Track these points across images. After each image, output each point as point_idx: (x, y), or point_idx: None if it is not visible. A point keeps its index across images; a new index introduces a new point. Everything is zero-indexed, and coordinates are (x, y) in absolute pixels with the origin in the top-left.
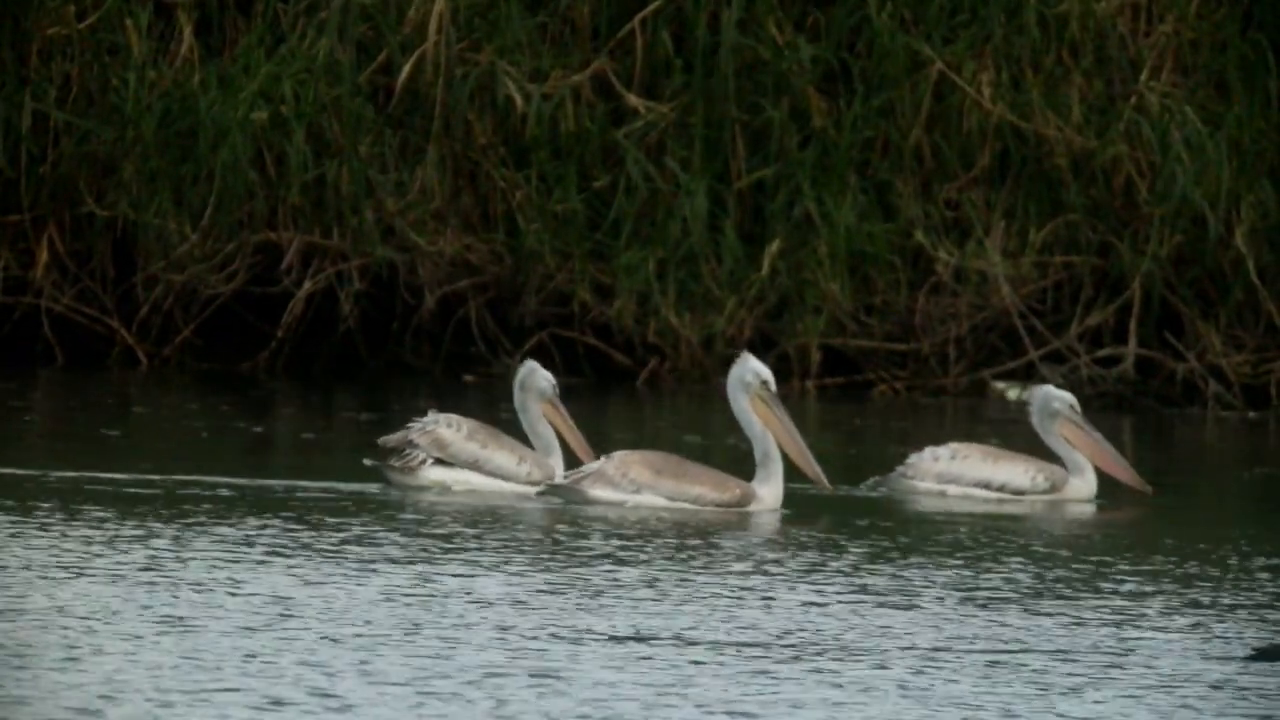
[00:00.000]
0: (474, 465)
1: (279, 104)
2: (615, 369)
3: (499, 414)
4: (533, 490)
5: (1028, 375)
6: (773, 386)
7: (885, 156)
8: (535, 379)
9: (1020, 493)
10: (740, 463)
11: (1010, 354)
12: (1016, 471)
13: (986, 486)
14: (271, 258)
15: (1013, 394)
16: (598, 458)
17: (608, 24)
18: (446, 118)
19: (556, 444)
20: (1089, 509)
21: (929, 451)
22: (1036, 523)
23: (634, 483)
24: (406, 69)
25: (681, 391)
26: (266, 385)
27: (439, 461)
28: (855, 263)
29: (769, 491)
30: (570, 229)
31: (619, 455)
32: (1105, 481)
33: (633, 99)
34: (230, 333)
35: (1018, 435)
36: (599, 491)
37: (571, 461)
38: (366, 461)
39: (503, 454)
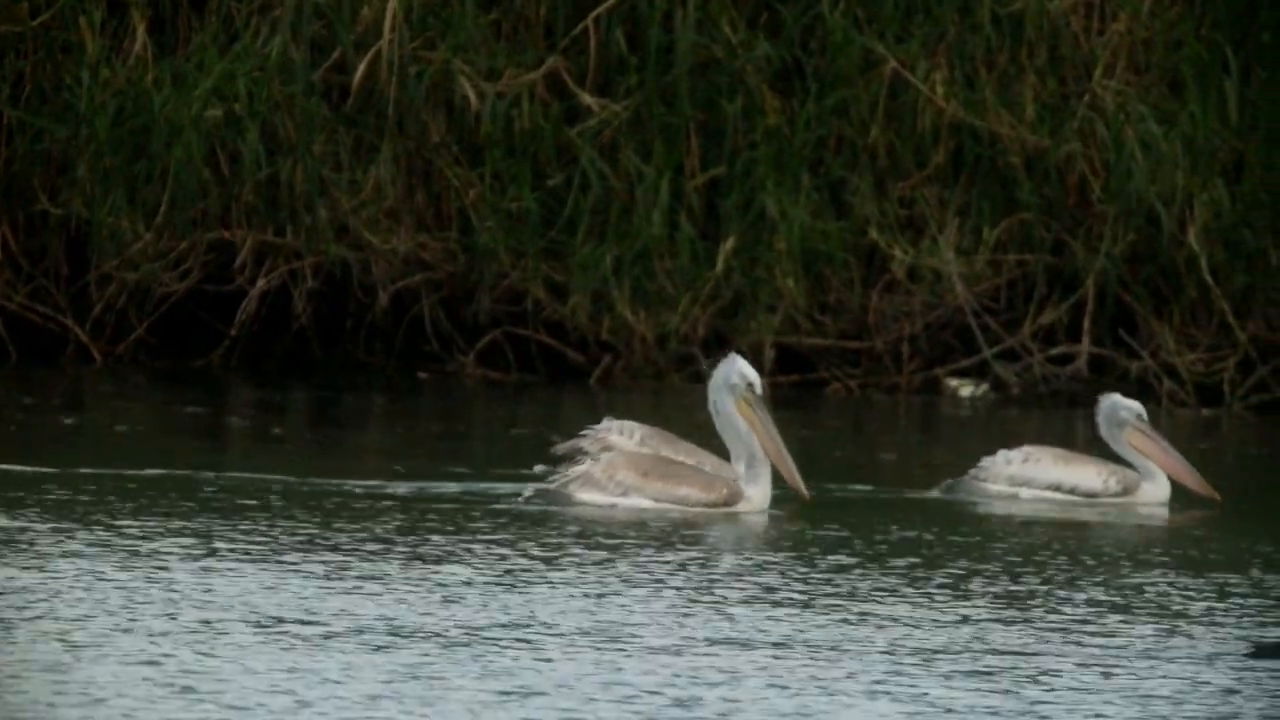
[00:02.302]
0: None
1: (233, 102)
2: (569, 367)
3: (459, 413)
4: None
5: (981, 373)
6: (759, 389)
7: (839, 154)
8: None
9: (1093, 495)
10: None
11: (964, 352)
12: (1089, 474)
13: (1058, 489)
14: (225, 256)
15: (966, 392)
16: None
17: (562, 22)
18: (400, 116)
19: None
20: (1162, 512)
21: (1001, 454)
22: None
23: (621, 485)
24: (361, 67)
25: (635, 389)
26: (220, 382)
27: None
28: (809, 261)
29: (757, 491)
30: (524, 227)
31: (606, 457)
32: (1177, 486)
33: (586, 97)
34: (184, 331)
35: (970, 433)
36: (586, 495)
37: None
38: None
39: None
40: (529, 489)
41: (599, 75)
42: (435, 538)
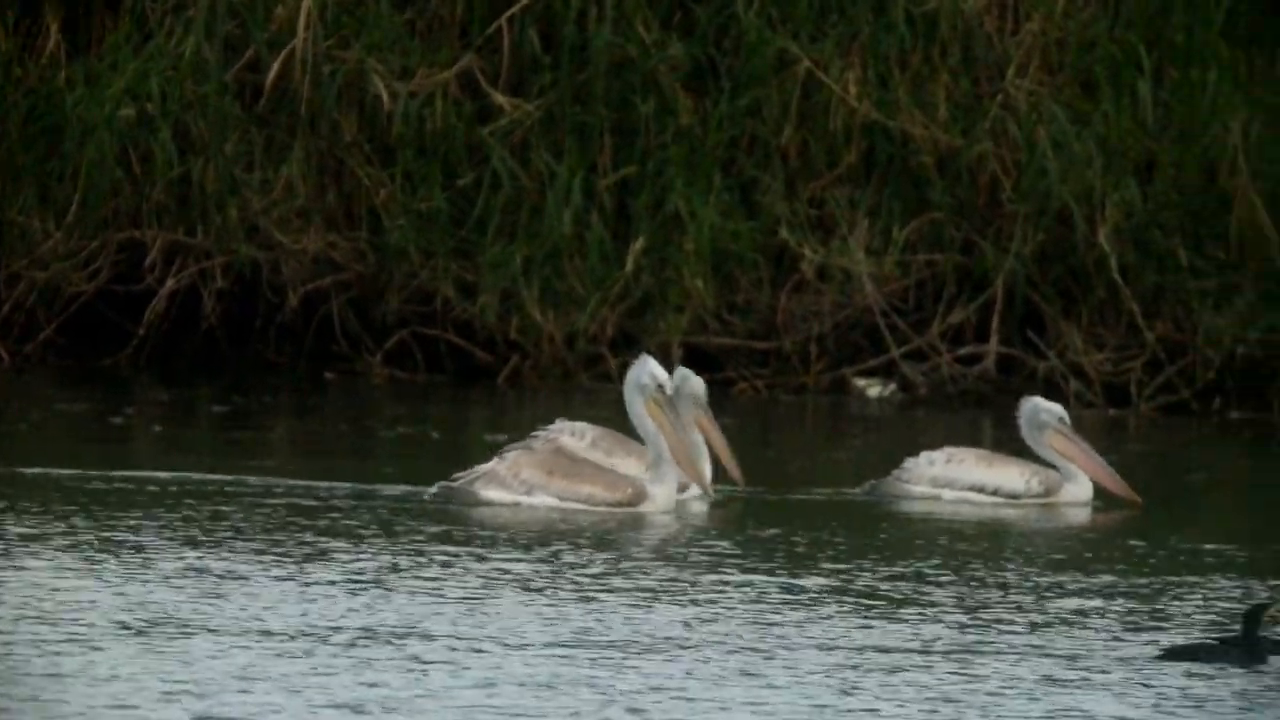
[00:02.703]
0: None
1: (145, 101)
2: (477, 367)
3: (365, 412)
4: (708, 498)
5: (889, 373)
6: (669, 390)
7: (751, 154)
8: (689, 386)
9: (1015, 496)
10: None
11: (872, 352)
12: (1011, 475)
13: (981, 490)
14: (135, 255)
15: (874, 392)
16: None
17: (475, 22)
18: (313, 115)
19: (705, 451)
20: (1084, 513)
21: (924, 456)
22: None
23: (525, 483)
24: (274, 67)
25: (543, 389)
26: (128, 382)
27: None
28: (719, 261)
29: (662, 491)
30: (434, 227)
31: (511, 455)
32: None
33: (499, 97)
34: (93, 330)
35: (878, 433)
36: (491, 493)
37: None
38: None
39: (630, 462)
40: (434, 487)
41: (512, 75)
42: (318, 536)
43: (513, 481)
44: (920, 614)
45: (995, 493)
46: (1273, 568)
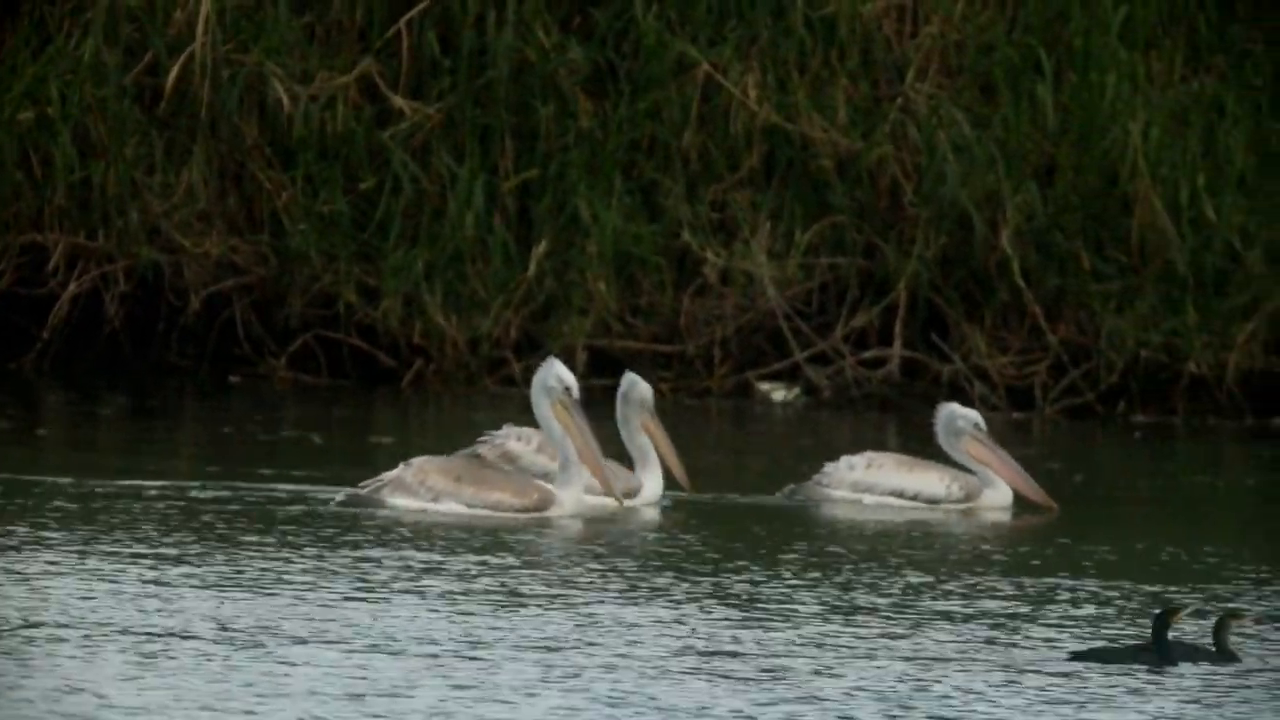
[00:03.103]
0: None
1: (45, 105)
2: (380, 370)
3: (268, 416)
4: (617, 503)
5: (793, 377)
6: (575, 393)
7: (652, 157)
8: (637, 391)
9: (935, 501)
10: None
11: (776, 355)
12: (931, 480)
13: (901, 495)
14: (37, 259)
15: (778, 395)
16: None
17: (375, 26)
18: (213, 119)
19: (654, 457)
20: (1003, 517)
21: (844, 460)
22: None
23: (432, 490)
24: (174, 70)
25: (447, 393)
26: (31, 385)
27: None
28: (621, 264)
29: (569, 495)
30: (336, 230)
31: (417, 462)
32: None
33: (398, 100)
34: None
35: (784, 437)
36: (398, 500)
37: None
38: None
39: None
40: (340, 493)
41: (411, 78)
42: (210, 540)
43: (419, 489)
44: (825, 617)
45: (915, 498)
46: (1182, 571)
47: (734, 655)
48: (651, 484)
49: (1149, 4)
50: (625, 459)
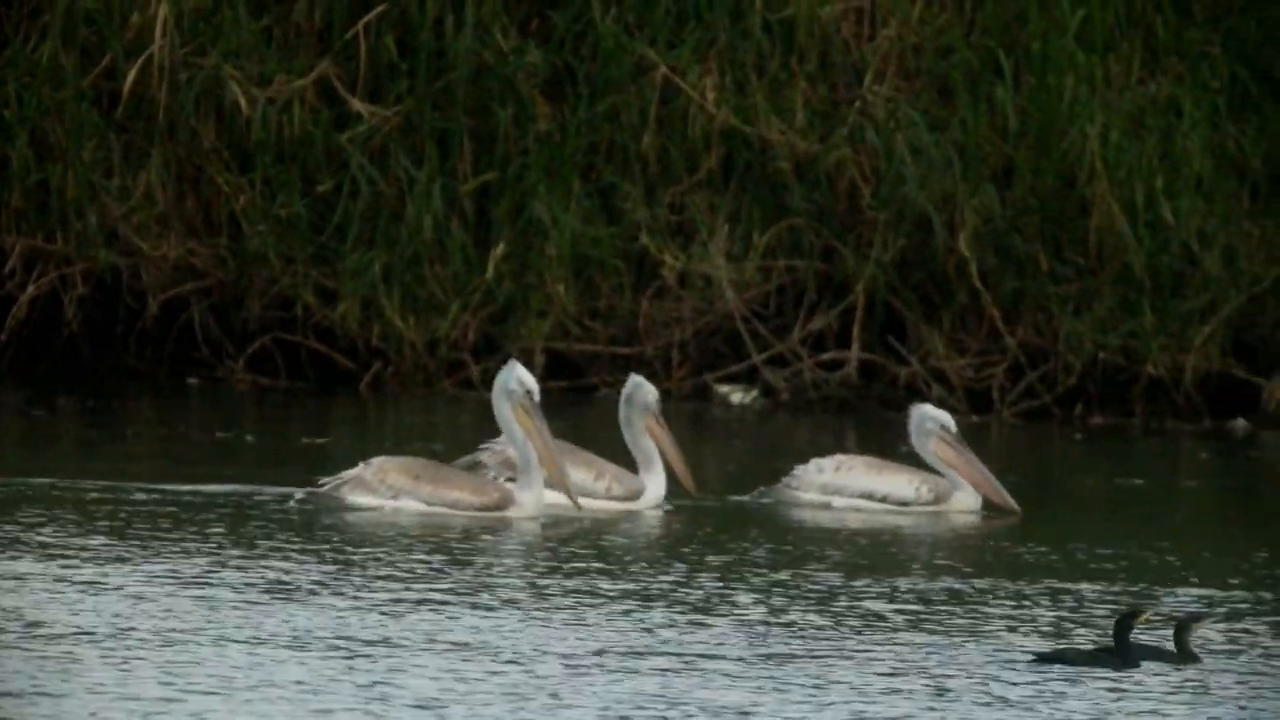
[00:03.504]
0: (546, 483)
1: (2, 108)
2: (339, 373)
3: (226, 418)
4: (617, 506)
5: (751, 379)
6: (536, 396)
7: (611, 160)
8: (641, 393)
9: (905, 504)
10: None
11: (733, 358)
12: (900, 482)
13: (870, 497)
14: None
15: (736, 397)
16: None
17: (333, 29)
18: (171, 122)
19: (658, 460)
20: (973, 520)
21: (814, 463)
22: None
23: (392, 488)
24: (131, 73)
25: (405, 395)
26: None
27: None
28: (580, 266)
29: (529, 496)
30: (294, 233)
31: (377, 461)
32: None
33: (356, 103)
34: None
35: (743, 439)
36: (358, 498)
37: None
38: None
39: (578, 471)
40: (299, 492)
41: (369, 81)
42: (173, 540)
43: (379, 487)
44: (785, 618)
45: (885, 500)
46: (1144, 574)
47: (689, 656)
48: (655, 487)
49: (1107, 7)
50: (629, 462)
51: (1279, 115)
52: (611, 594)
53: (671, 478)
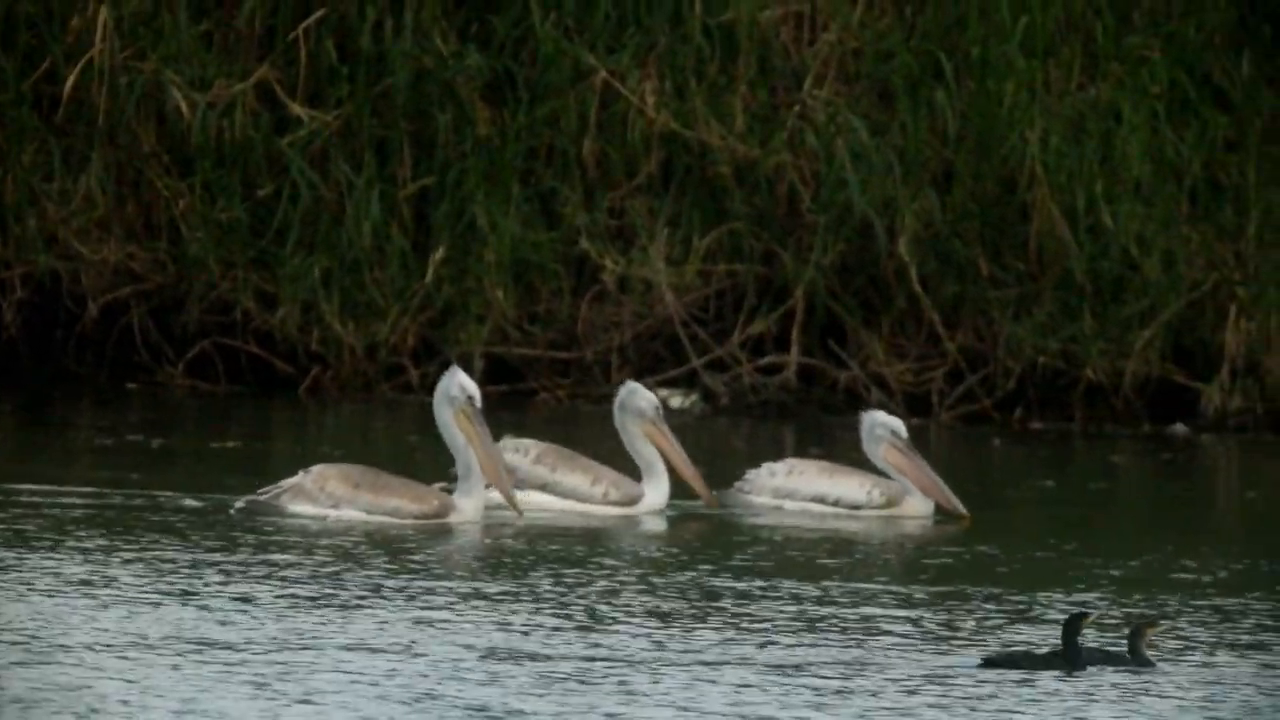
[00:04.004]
0: (544, 488)
1: None
2: (278, 377)
3: (164, 423)
4: (614, 512)
5: (690, 383)
6: (478, 403)
7: (550, 165)
8: (635, 400)
9: (856, 507)
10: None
11: (673, 362)
12: (852, 486)
13: (822, 501)
14: None
15: (675, 402)
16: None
17: (272, 33)
18: (111, 126)
19: (659, 465)
20: (925, 524)
21: (766, 467)
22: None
23: (331, 496)
24: (71, 77)
25: (345, 400)
26: None
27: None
28: (519, 271)
29: (470, 504)
30: (234, 237)
31: (316, 469)
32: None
33: (296, 108)
34: None
35: (683, 443)
36: (297, 506)
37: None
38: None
39: (575, 476)
40: (239, 501)
41: (309, 85)
42: (107, 546)
43: (319, 495)
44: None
45: (837, 503)
46: (1088, 577)
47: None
48: (654, 494)
49: (1047, 12)
50: (631, 469)
51: (1218, 120)
52: (494, 596)
53: (678, 482)
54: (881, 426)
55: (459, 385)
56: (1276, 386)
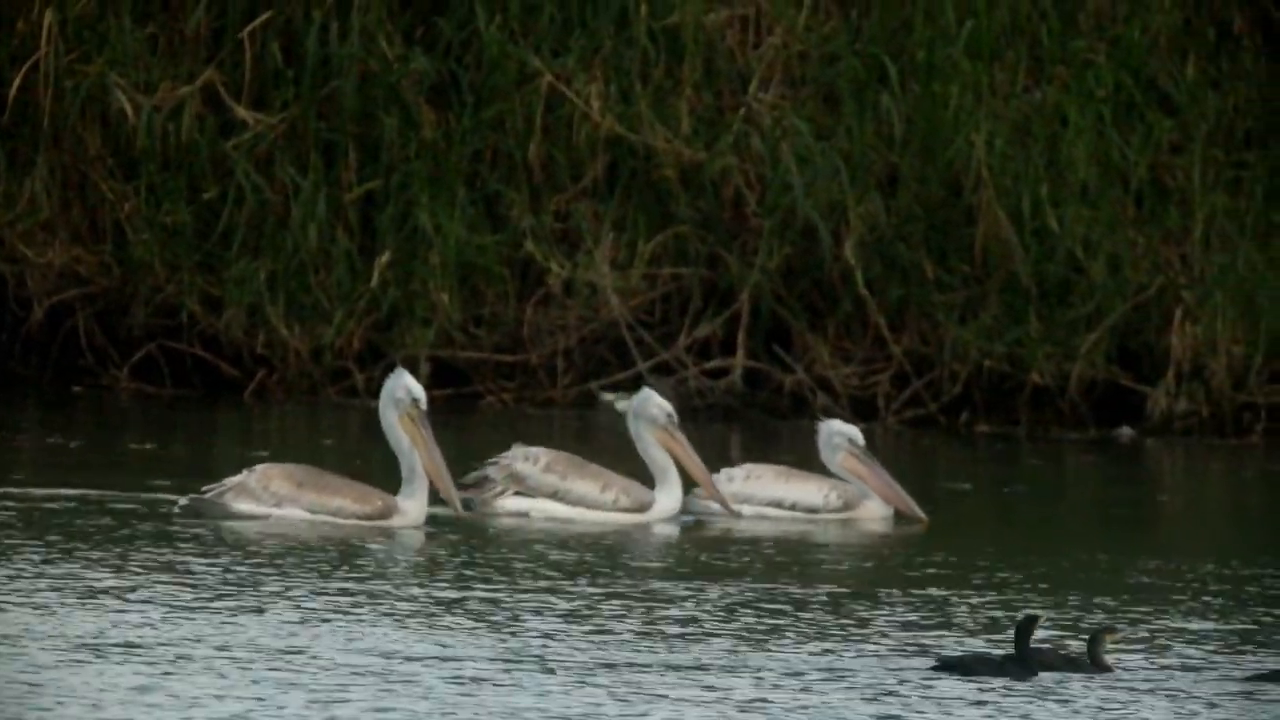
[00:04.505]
0: (554, 496)
1: None
2: (224, 381)
3: (110, 425)
4: (625, 519)
5: (636, 386)
6: (423, 405)
7: (496, 168)
8: (649, 406)
9: (814, 511)
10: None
11: (619, 365)
12: (809, 490)
13: (779, 505)
14: None
15: (621, 405)
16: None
17: (220, 36)
18: (56, 129)
19: (672, 471)
20: (883, 527)
21: (724, 472)
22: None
23: (275, 495)
24: (16, 80)
25: (290, 403)
26: None
27: (520, 493)
28: (465, 274)
29: (413, 506)
30: (179, 240)
31: (261, 468)
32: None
33: (241, 111)
34: None
35: (625, 446)
36: (241, 505)
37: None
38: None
39: (585, 483)
40: (184, 499)
41: (255, 88)
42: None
43: (263, 494)
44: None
45: (794, 508)
46: (1039, 581)
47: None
48: (666, 500)
49: (992, 15)
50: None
51: (1163, 124)
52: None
53: (690, 484)
54: (839, 435)
55: (404, 388)
56: (1222, 390)
